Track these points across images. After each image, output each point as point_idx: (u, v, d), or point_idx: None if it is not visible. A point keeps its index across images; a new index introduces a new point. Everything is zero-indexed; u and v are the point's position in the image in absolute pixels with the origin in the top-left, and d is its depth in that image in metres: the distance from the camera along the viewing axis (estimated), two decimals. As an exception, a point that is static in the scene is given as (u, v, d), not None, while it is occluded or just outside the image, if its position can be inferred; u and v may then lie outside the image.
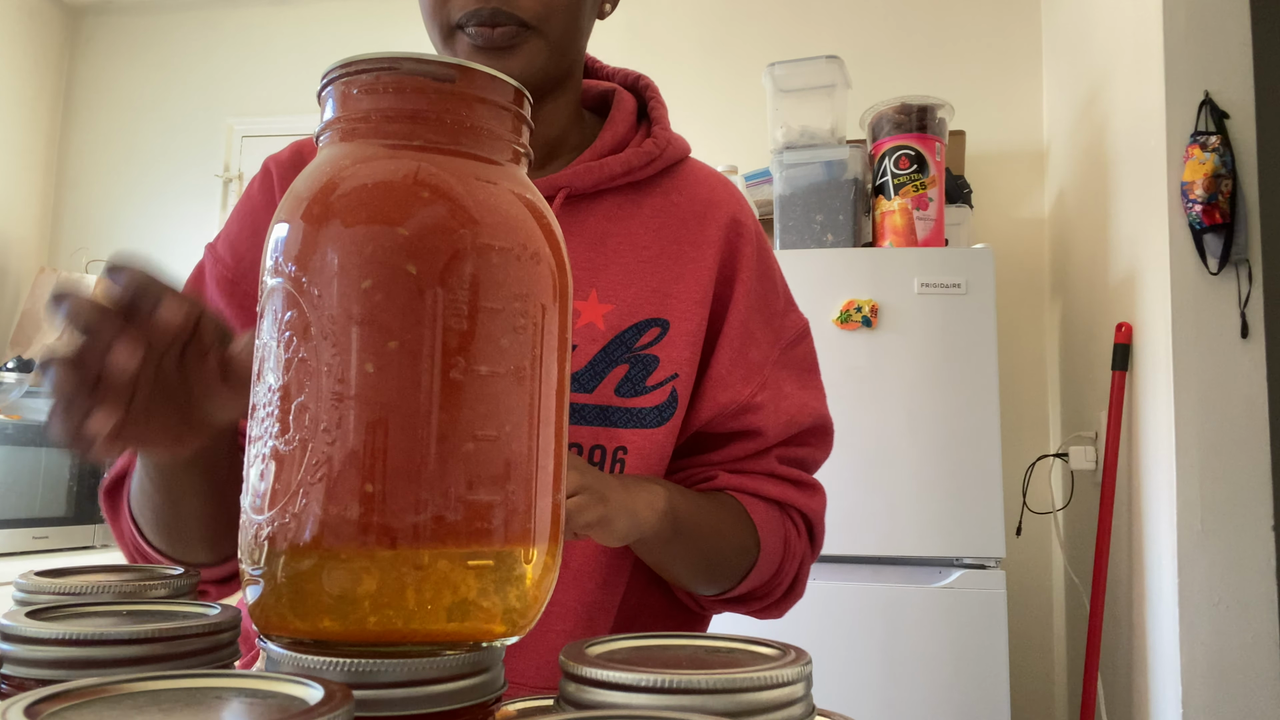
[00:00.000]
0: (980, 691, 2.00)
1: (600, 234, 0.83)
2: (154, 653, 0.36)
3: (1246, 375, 1.84)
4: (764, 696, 0.33)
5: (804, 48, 2.90)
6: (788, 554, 0.86)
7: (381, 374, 0.35)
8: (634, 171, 0.85)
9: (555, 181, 0.82)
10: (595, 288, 0.81)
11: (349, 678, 0.34)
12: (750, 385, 0.85)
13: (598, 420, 0.79)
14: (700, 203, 0.87)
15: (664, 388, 0.82)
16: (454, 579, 0.35)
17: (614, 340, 0.80)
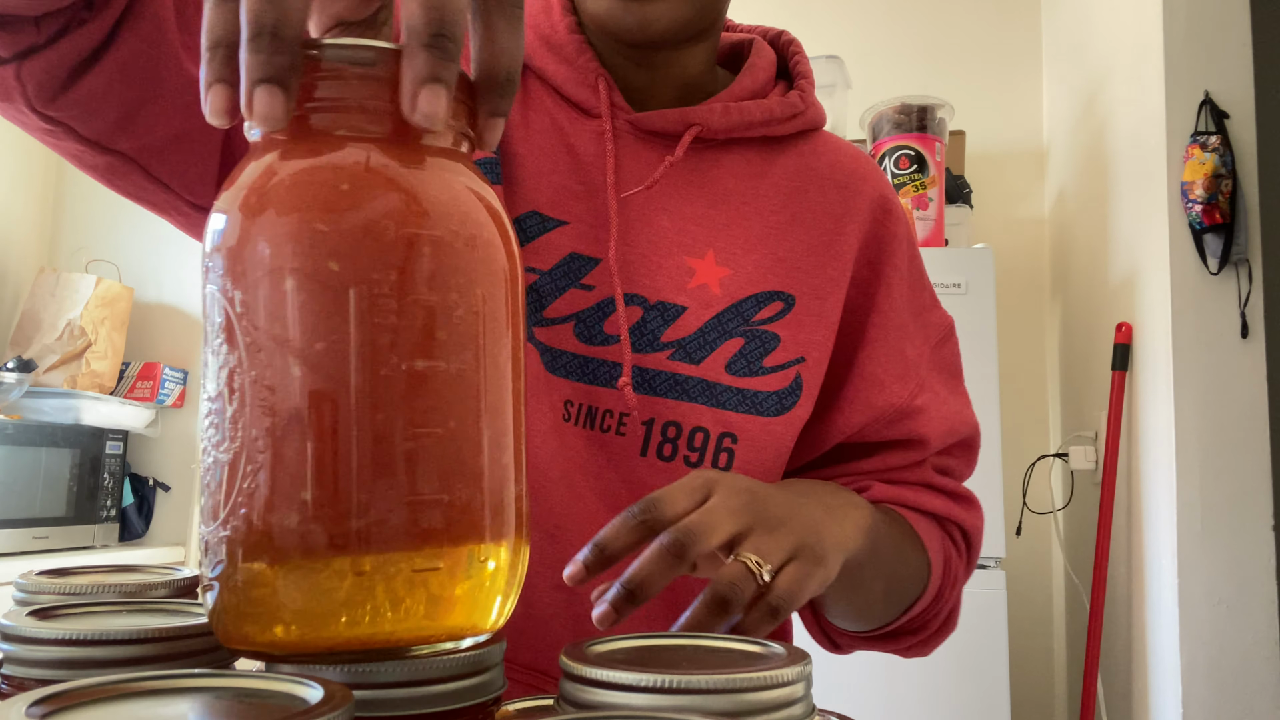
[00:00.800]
0: (980, 691, 2.00)
1: (725, 190, 0.74)
2: (154, 653, 0.36)
3: (1246, 375, 1.84)
4: (764, 696, 0.33)
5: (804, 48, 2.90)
6: (948, 578, 0.75)
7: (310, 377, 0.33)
8: (774, 123, 0.75)
9: (687, 117, 0.72)
10: (713, 248, 0.73)
11: (349, 678, 0.34)
12: (909, 386, 0.75)
13: (702, 398, 0.69)
14: (844, 173, 0.78)
15: (786, 371, 0.72)
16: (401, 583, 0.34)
17: (729, 309, 0.71)
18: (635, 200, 0.72)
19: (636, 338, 0.70)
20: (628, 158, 0.73)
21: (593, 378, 0.69)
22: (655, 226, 0.72)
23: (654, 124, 0.72)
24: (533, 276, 0.70)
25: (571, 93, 0.73)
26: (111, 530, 2.77)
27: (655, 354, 0.70)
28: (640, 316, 0.70)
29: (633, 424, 0.69)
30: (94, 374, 2.95)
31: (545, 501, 0.68)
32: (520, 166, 0.71)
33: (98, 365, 2.97)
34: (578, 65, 0.73)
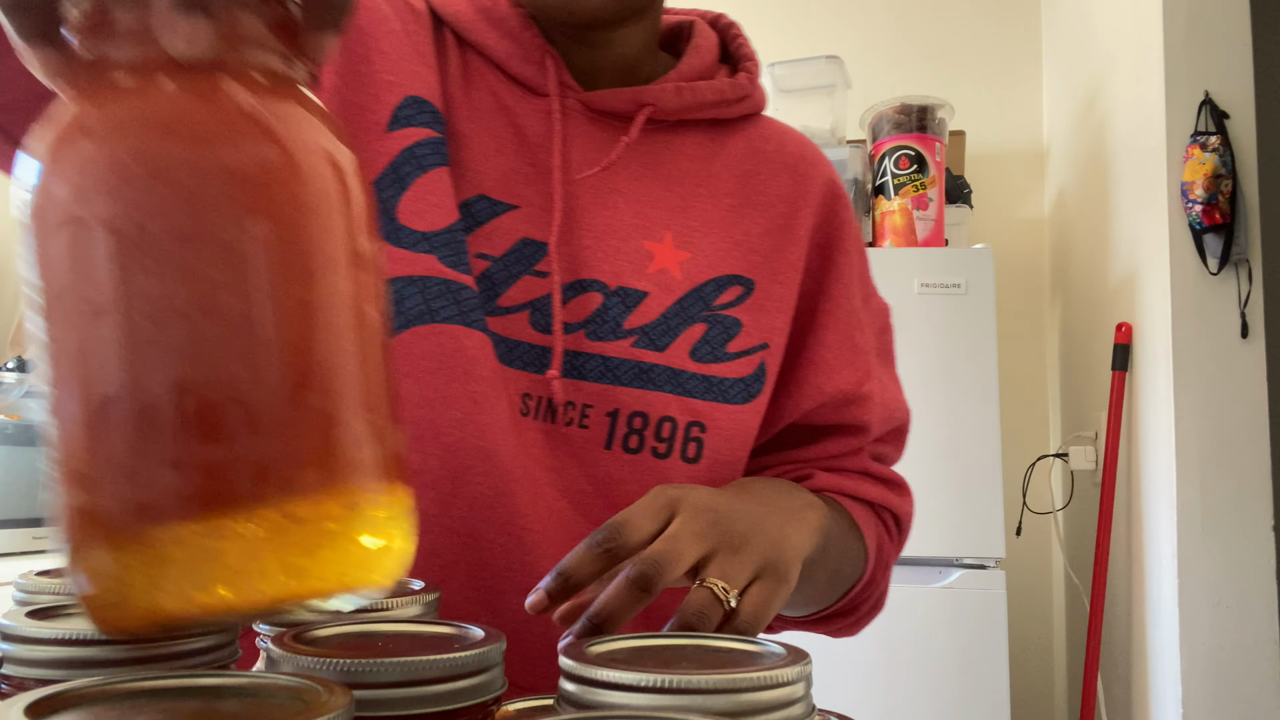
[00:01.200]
0: (980, 691, 2.00)
1: (679, 171, 0.73)
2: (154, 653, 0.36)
3: (1246, 375, 1.84)
4: (764, 696, 0.33)
5: (804, 48, 2.90)
6: (880, 563, 0.75)
7: (96, 335, 0.31)
8: (725, 105, 0.74)
9: (640, 96, 0.71)
10: (671, 231, 0.71)
11: (349, 678, 0.34)
12: (857, 373, 0.75)
13: (669, 385, 0.67)
14: (793, 157, 0.78)
15: (750, 357, 0.71)
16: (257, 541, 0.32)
17: (691, 294, 0.69)
18: (589, 183, 0.69)
19: (598, 325, 0.67)
20: (578, 138, 0.70)
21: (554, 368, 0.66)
22: (611, 209, 0.70)
23: (605, 103, 0.70)
24: (484, 264, 0.66)
25: (517, 70, 0.70)
26: (111, 530, 2.77)
27: (618, 341, 0.67)
28: (600, 303, 0.67)
29: (596, 416, 0.66)
30: (94, 374, 2.95)
31: (509, 502, 0.65)
32: (465, 148, 0.68)
33: (98, 365, 2.96)
34: (522, 41, 0.70)
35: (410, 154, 0.65)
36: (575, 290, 0.67)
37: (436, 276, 0.63)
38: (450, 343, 0.63)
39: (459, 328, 0.63)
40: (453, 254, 0.64)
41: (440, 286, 0.63)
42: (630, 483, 0.67)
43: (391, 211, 0.64)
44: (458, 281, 0.64)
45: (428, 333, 0.63)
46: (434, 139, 0.66)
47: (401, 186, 0.65)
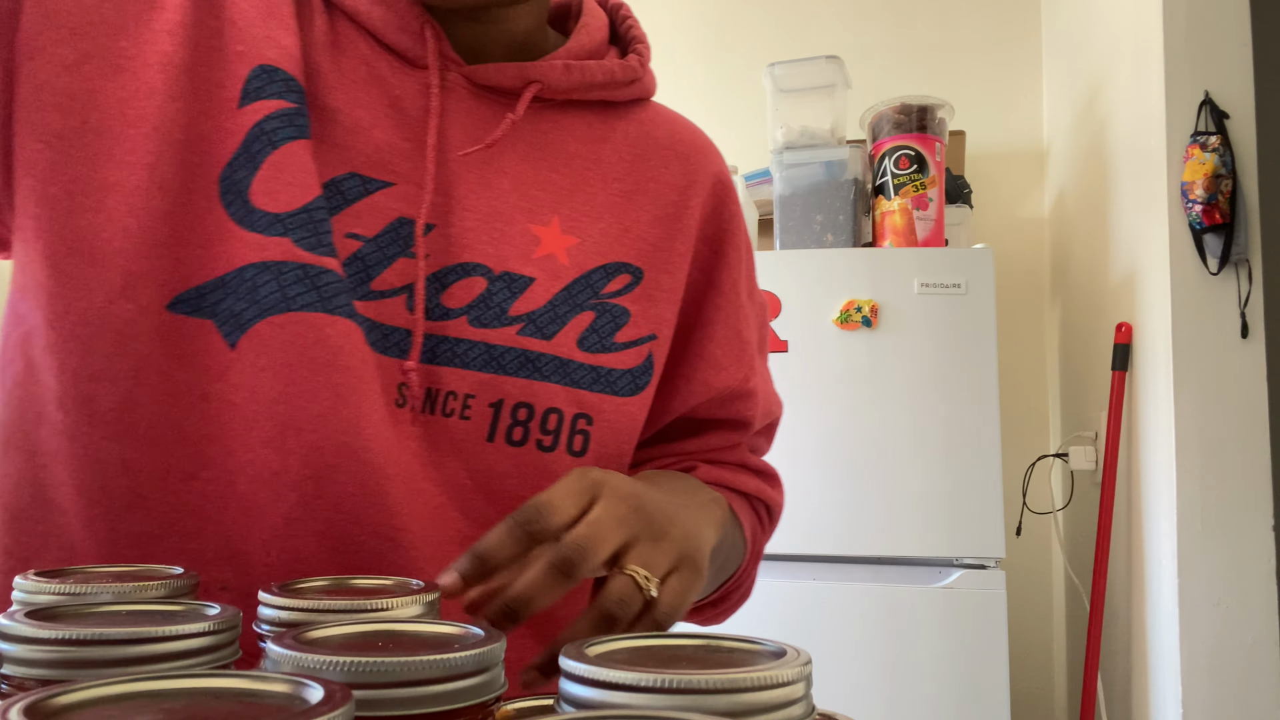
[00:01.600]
0: (980, 691, 2.00)
1: (567, 153, 0.69)
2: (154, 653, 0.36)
3: (1246, 375, 1.85)
4: (764, 696, 0.33)
5: (804, 48, 2.90)
6: (754, 554, 0.76)
7: None
8: (615, 86, 0.71)
9: (526, 72, 0.67)
10: (558, 215, 0.68)
11: (349, 678, 0.34)
12: (743, 369, 0.74)
13: (556, 376, 0.64)
14: (685, 145, 0.75)
15: (639, 348, 0.68)
16: None
17: (578, 280, 0.67)
18: (471, 161, 0.65)
19: (481, 311, 0.63)
20: (461, 115, 0.66)
21: (431, 356, 0.62)
22: (495, 190, 0.66)
23: (490, 78, 0.66)
24: (356, 244, 0.61)
25: (393, 39, 0.65)
26: (111, 530, 2.76)
27: (503, 329, 0.63)
28: (484, 289, 0.64)
29: (479, 406, 0.63)
30: (94, 374, 2.95)
31: (381, 500, 0.60)
32: (335, 121, 0.63)
33: (98, 365, 2.96)
34: (399, 9, 0.65)
35: (260, 129, 0.60)
36: (457, 274, 0.63)
37: (292, 261, 0.58)
38: (310, 332, 0.58)
39: (319, 315, 0.58)
40: (310, 235, 0.58)
41: (297, 272, 0.58)
42: (513, 477, 0.64)
43: (244, 194, 0.59)
44: (317, 265, 0.58)
45: (284, 322, 0.57)
46: (287, 110, 0.60)
47: (254, 166, 0.59)
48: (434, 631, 0.40)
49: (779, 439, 0.85)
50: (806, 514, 2.07)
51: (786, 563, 2.08)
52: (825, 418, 2.09)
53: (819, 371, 2.10)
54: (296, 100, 0.61)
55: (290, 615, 0.45)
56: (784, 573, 2.07)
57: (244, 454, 0.58)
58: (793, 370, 2.10)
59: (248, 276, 0.58)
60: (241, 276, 0.58)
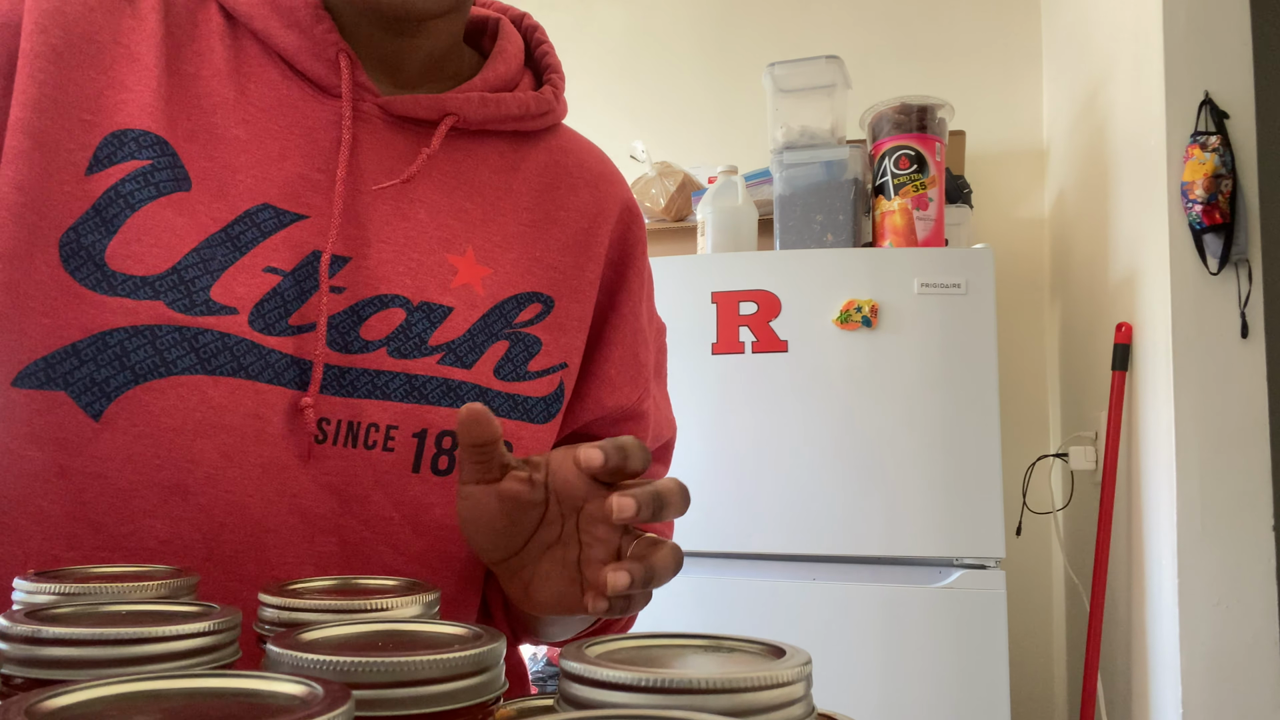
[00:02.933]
0: (980, 691, 2.00)
1: (480, 183, 0.69)
2: (154, 653, 0.36)
3: (1246, 375, 1.84)
4: (764, 696, 0.33)
5: (804, 48, 2.90)
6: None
7: None
8: (528, 118, 0.72)
9: (443, 104, 0.67)
10: (473, 245, 0.67)
11: (349, 678, 0.34)
12: (638, 390, 0.76)
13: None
14: (591, 174, 0.76)
15: (550, 376, 0.69)
16: None
17: (493, 310, 0.67)
18: (388, 193, 0.65)
19: (401, 342, 0.63)
20: (375, 145, 0.65)
21: (351, 389, 0.61)
22: (412, 221, 0.65)
23: (406, 109, 0.66)
24: (275, 278, 0.60)
25: (306, 66, 0.64)
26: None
27: (424, 359, 0.64)
28: (403, 319, 0.63)
29: (402, 437, 0.62)
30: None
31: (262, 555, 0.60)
32: (243, 151, 0.61)
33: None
34: (313, 35, 0.63)
35: (115, 192, 0.58)
36: (375, 306, 0.63)
37: (167, 324, 0.57)
38: (192, 394, 0.57)
39: (200, 378, 0.57)
40: (184, 297, 0.57)
41: (173, 335, 0.57)
42: (439, 506, 0.64)
43: (98, 258, 0.57)
44: (193, 327, 0.57)
45: (165, 387, 0.56)
46: (144, 168, 0.59)
47: (109, 229, 0.57)
48: (434, 631, 0.40)
49: (782, 438, 0.84)
50: (806, 514, 2.07)
51: (786, 563, 2.08)
52: (825, 418, 2.09)
53: (819, 371, 2.10)
54: (154, 155, 0.59)
55: (290, 615, 0.45)
56: (784, 573, 2.07)
57: (119, 527, 0.57)
58: (793, 370, 2.10)
59: (113, 342, 0.56)
60: (104, 343, 0.56)
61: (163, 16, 0.62)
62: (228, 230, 0.60)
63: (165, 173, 0.59)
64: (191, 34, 0.63)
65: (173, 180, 0.59)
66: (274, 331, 0.60)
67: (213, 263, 0.59)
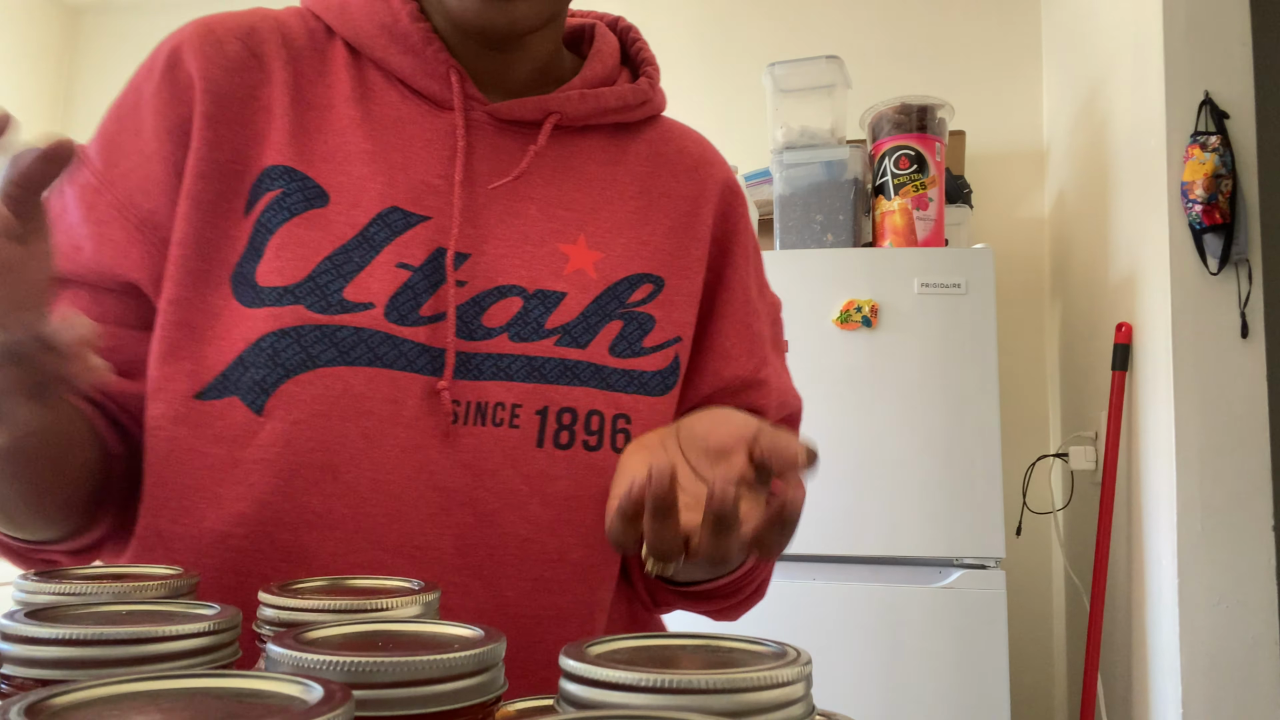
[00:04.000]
0: (980, 691, 2.00)
1: (588, 175, 0.75)
2: (154, 653, 0.36)
3: (1246, 375, 1.84)
4: (764, 696, 0.33)
5: (804, 48, 2.90)
6: None
7: None
8: (627, 109, 0.77)
9: (545, 104, 0.73)
10: (584, 232, 0.73)
11: (349, 678, 0.34)
12: (754, 360, 0.78)
13: (593, 381, 0.70)
14: (692, 157, 0.81)
15: (665, 351, 0.73)
16: None
17: (606, 292, 0.72)
18: (500, 192, 0.71)
19: (520, 327, 0.69)
20: (486, 149, 0.72)
21: (477, 373, 0.67)
22: (524, 216, 0.71)
23: (513, 113, 0.72)
24: (406, 273, 0.67)
25: (421, 85, 0.71)
26: (111, 530, 2.76)
27: (541, 341, 0.69)
28: (520, 307, 0.69)
29: (526, 415, 0.68)
30: (94, 374, 2.95)
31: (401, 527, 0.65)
32: (370, 163, 0.69)
33: (98, 365, 2.96)
34: (425, 56, 0.71)
35: (260, 223, 0.67)
36: (495, 296, 0.69)
37: (309, 325, 0.64)
38: (336, 384, 0.64)
39: (340, 369, 0.64)
40: (320, 299, 0.65)
41: (315, 333, 0.64)
42: (563, 479, 0.68)
43: (252, 280, 0.66)
44: (331, 324, 0.65)
45: (311, 379, 0.64)
46: (277, 197, 0.67)
47: (258, 254, 0.66)
48: (434, 631, 0.40)
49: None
50: (807, 514, 2.07)
51: (786, 563, 2.08)
52: (825, 418, 2.09)
53: (819, 371, 2.10)
54: (285, 184, 0.67)
55: (290, 615, 0.45)
56: (784, 573, 2.07)
57: (282, 504, 0.64)
58: (793, 370, 2.10)
59: (265, 345, 0.64)
60: (259, 347, 0.64)
61: (287, 64, 0.71)
62: (364, 232, 0.67)
63: (296, 195, 0.67)
64: (321, 69, 0.72)
65: (305, 200, 0.67)
66: (407, 322, 0.66)
67: (346, 266, 0.66)
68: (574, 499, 0.68)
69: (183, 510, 0.65)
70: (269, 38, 0.71)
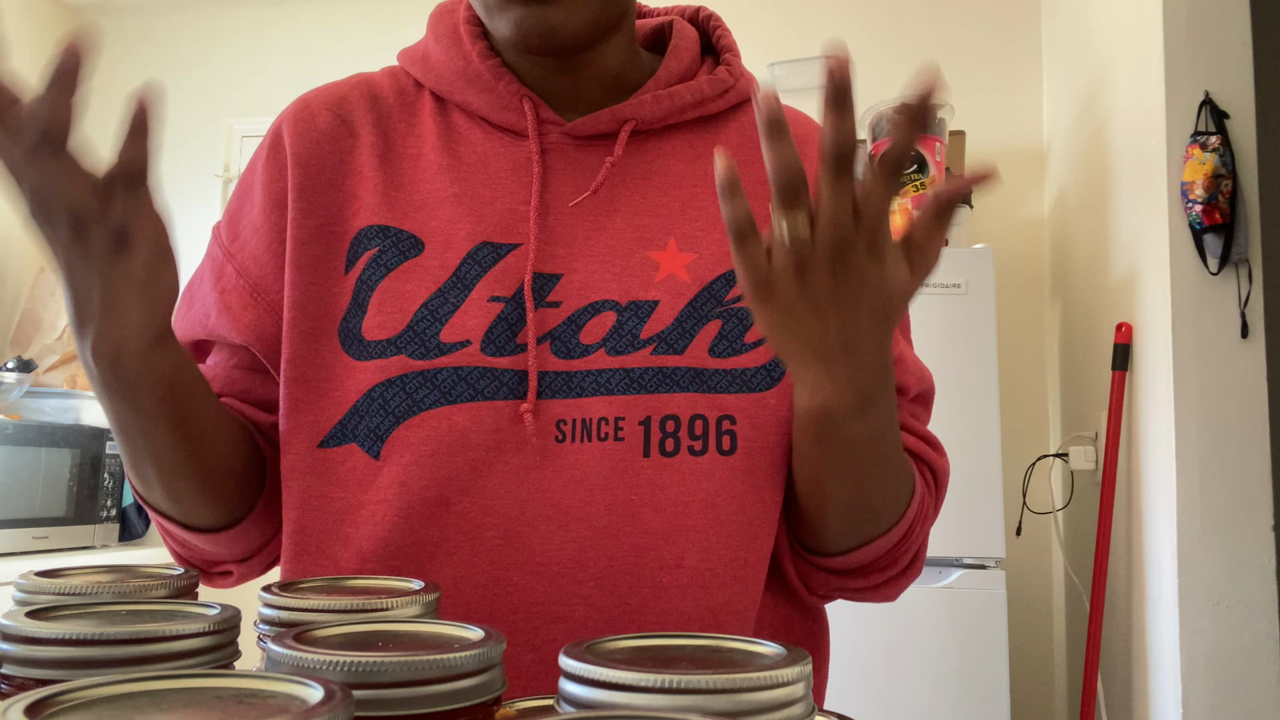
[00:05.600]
0: (980, 691, 2.00)
1: (674, 175, 0.75)
2: (154, 653, 0.36)
3: (1246, 375, 1.84)
4: (764, 696, 0.33)
5: (804, 48, 2.90)
6: (920, 513, 0.74)
7: None
8: (706, 102, 0.76)
9: (619, 113, 0.73)
10: (673, 236, 0.73)
11: (349, 678, 0.34)
12: None
13: (693, 385, 0.69)
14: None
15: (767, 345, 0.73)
16: None
17: (701, 293, 0.71)
18: (584, 209, 0.72)
19: (617, 340, 0.69)
20: (568, 168, 0.73)
21: (579, 390, 0.69)
22: (610, 229, 0.72)
23: (588, 129, 0.73)
24: (499, 306, 0.69)
25: (499, 119, 0.74)
26: (111, 530, 2.77)
27: (637, 353, 0.69)
28: (615, 320, 0.70)
29: (630, 426, 0.68)
30: (94, 374, 2.95)
31: (520, 544, 0.67)
32: (458, 204, 0.72)
33: (98, 365, 2.96)
34: (498, 91, 0.74)
35: (361, 281, 0.71)
36: (589, 313, 0.70)
37: (411, 372, 0.68)
38: (440, 423, 0.68)
39: (444, 409, 0.68)
40: (419, 346, 0.69)
41: (417, 379, 0.68)
42: (672, 487, 0.69)
43: (359, 334, 0.70)
44: (431, 369, 0.69)
45: (418, 422, 0.68)
46: (374, 255, 0.72)
47: (362, 311, 0.71)
48: (434, 631, 0.40)
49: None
50: (806, 514, 2.07)
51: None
52: (825, 418, 2.09)
53: (819, 371, 2.10)
54: (380, 242, 0.72)
55: (290, 615, 0.45)
56: (784, 573, 2.07)
57: (401, 540, 0.68)
58: (793, 370, 2.10)
59: (376, 395, 0.69)
60: (370, 397, 0.69)
61: (375, 126, 0.75)
62: (457, 272, 0.70)
63: (391, 251, 0.71)
64: (410, 122, 0.76)
65: (399, 254, 0.71)
66: (504, 352, 0.69)
67: (442, 309, 0.70)
68: (683, 504, 0.69)
69: (321, 553, 0.71)
70: (358, 104, 0.76)
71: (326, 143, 0.75)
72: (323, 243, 0.73)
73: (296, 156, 0.74)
